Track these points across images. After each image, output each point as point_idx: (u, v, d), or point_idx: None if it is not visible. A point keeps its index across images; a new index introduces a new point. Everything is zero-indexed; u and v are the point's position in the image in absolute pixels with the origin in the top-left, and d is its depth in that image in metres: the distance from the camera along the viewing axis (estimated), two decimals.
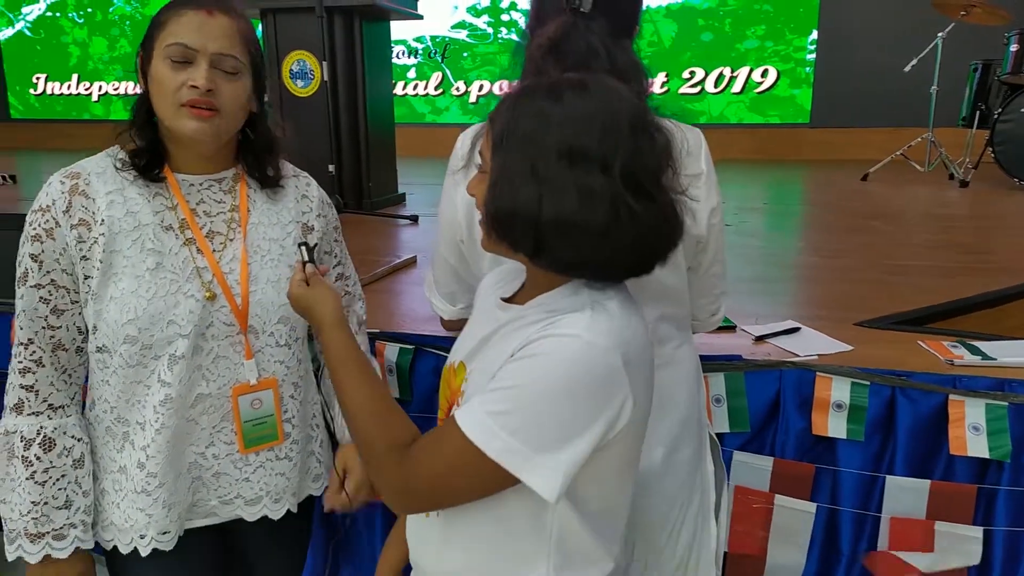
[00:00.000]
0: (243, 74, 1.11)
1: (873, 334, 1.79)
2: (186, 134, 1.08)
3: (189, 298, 1.11)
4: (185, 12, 1.07)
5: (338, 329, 0.99)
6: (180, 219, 1.14)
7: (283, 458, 1.23)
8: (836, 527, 1.57)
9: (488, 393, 0.82)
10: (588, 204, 0.80)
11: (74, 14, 10.26)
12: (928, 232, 3.84)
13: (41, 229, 1.07)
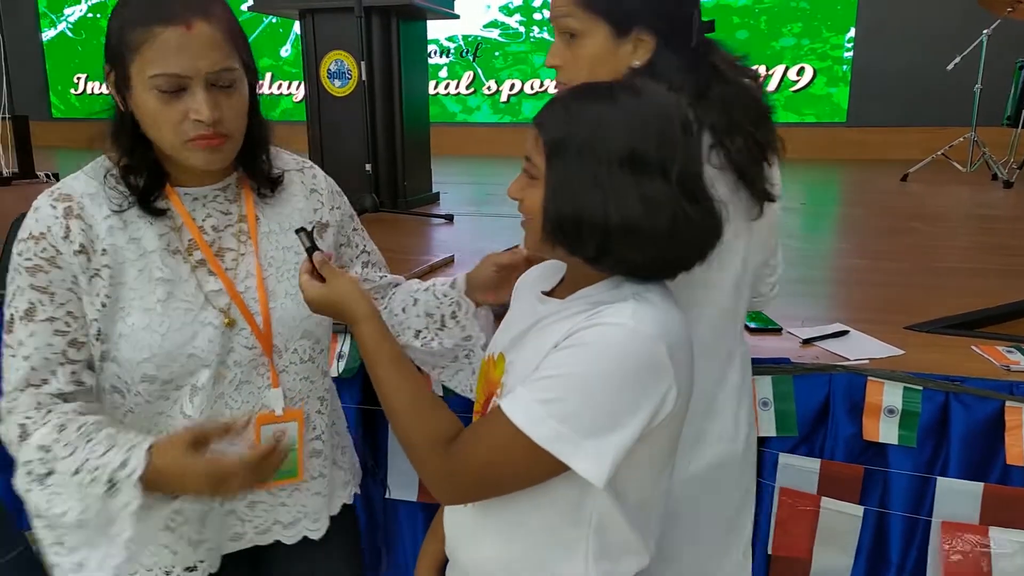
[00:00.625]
0: (239, 79, 0.99)
1: (924, 338, 1.75)
2: (197, 166, 0.99)
3: (207, 326, 1.02)
4: (159, 32, 0.91)
5: (370, 322, 0.94)
6: (188, 240, 1.04)
7: (317, 476, 1.17)
8: (885, 532, 1.54)
9: (535, 382, 0.83)
10: (652, 210, 0.82)
11: None
12: (972, 233, 3.76)
13: (40, 259, 0.96)
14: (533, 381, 0.84)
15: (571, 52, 1.08)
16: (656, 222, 0.82)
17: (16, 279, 0.97)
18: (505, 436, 0.83)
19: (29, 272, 0.96)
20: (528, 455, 0.82)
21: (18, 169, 5.27)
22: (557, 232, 0.86)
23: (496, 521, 0.93)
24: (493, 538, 0.94)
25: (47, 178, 5.37)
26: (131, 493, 0.90)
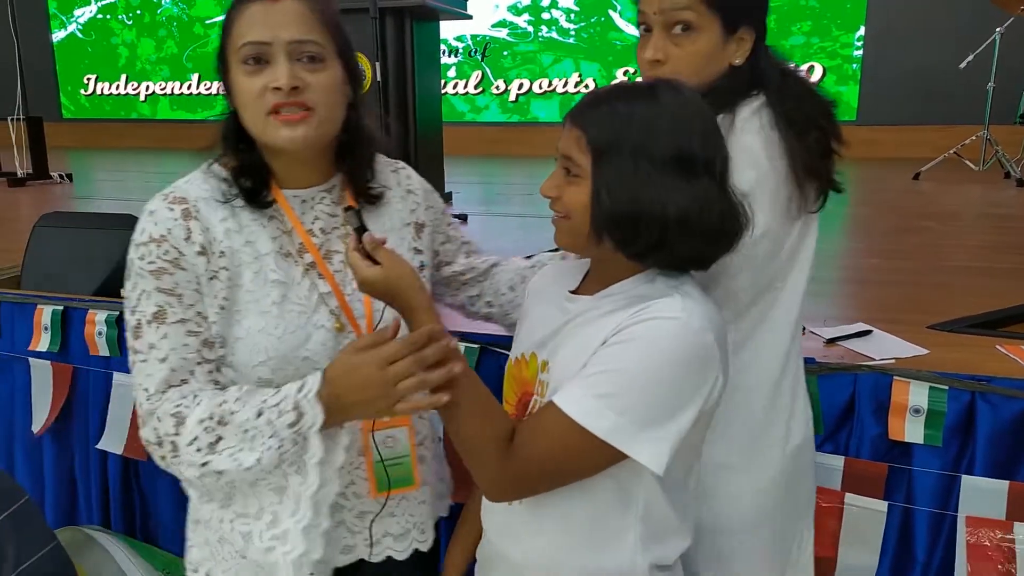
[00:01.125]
0: (329, 60, 0.96)
1: (948, 338, 1.76)
2: (280, 144, 0.96)
3: (320, 329, 1.01)
4: (248, 5, 0.95)
5: (429, 312, 0.93)
6: (298, 243, 1.03)
7: (422, 484, 1.15)
8: (910, 529, 1.55)
9: (589, 377, 0.87)
10: (705, 205, 0.87)
11: (123, 16, 10.51)
12: (986, 232, 3.75)
13: (164, 261, 0.95)
14: (586, 376, 0.87)
15: (680, 48, 1.07)
16: (709, 216, 0.87)
17: (140, 283, 0.95)
18: (563, 431, 0.86)
19: (154, 275, 0.95)
20: (587, 448, 0.86)
21: (32, 170, 5.31)
22: (612, 228, 0.88)
23: (545, 515, 0.95)
24: (542, 531, 0.97)
25: (61, 179, 5.41)
26: (315, 411, 0.90)
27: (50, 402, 2.09)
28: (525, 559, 0.99)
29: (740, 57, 1.09)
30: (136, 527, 2.15)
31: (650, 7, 1.07)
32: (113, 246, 2.24)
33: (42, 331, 2.07)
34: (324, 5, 0.97)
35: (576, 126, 0.90)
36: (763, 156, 1.06)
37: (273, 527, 0.96)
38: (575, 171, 0.91)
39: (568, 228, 0.93)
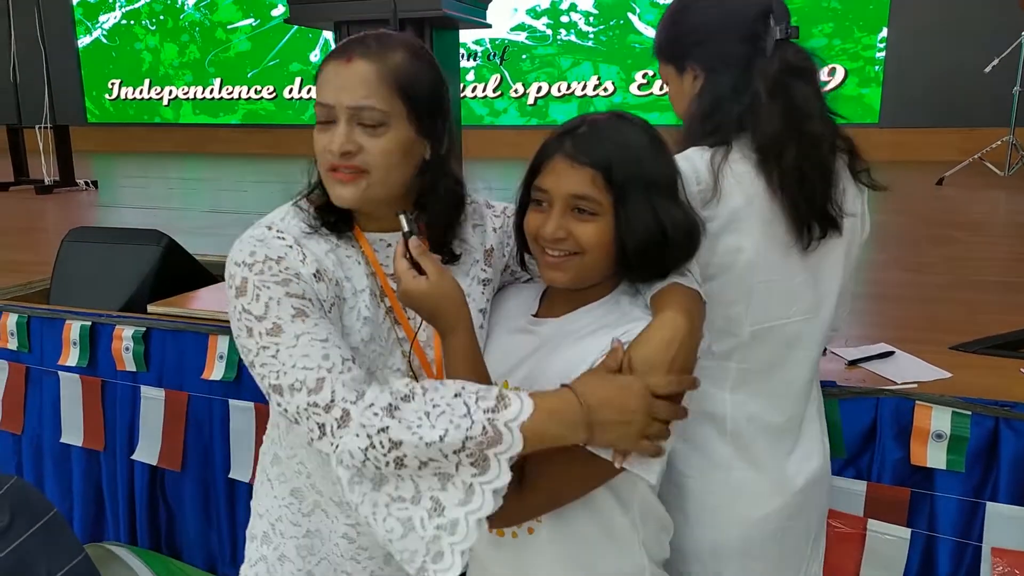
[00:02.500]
0: (391, 124, 0.95)
1: (970, 359, 1.74)
2: (335, 201, 0.97)
3: (395, 372, 1.02)
4: (328, 63, 0.96)
5: (468, 334, 0.93)
6: (379, 286, 1.03)
7: None
8: (933, 556, 1.54)
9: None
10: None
11: (147, 21, 10.64)
12: (1013, 243, 3.70)
13: (286, 275, 0.93)
14: None
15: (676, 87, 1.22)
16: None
17: (263, 294, 0.91)
18: (570, 458, 0.89)
19: (281, 284, 0.92)
20: (588, 466, 0.89)
21: (59, 177, 5.40)
22: (639, 256, 0.94)
23: (557, 538, 0.97)
24: (551, 559, 0.98)
25: (87, 186, 5.50)
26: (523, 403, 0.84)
27: (81, 415, 2.13)
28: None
29: (696, 89, 1.17)
30: (162, 540, 2.18)
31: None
32: (140, 261, 2.29)
33: (71, 346, 2.11)
34: (397, 67, 0.95)
35: (586, 166, 0.92)
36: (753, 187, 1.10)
37: (437, 515, 0.86)
38: (591, 209, 0.93)
39: (580, 265, 0.95)
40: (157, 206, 5.06)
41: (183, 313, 2.08)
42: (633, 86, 8.65)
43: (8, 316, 2.19)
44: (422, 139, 0.99)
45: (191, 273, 2.37)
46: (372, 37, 0.98)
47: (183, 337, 2.01)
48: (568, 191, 0.93)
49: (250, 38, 10.12)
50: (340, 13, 3.74)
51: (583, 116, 0.99)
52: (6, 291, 2.47)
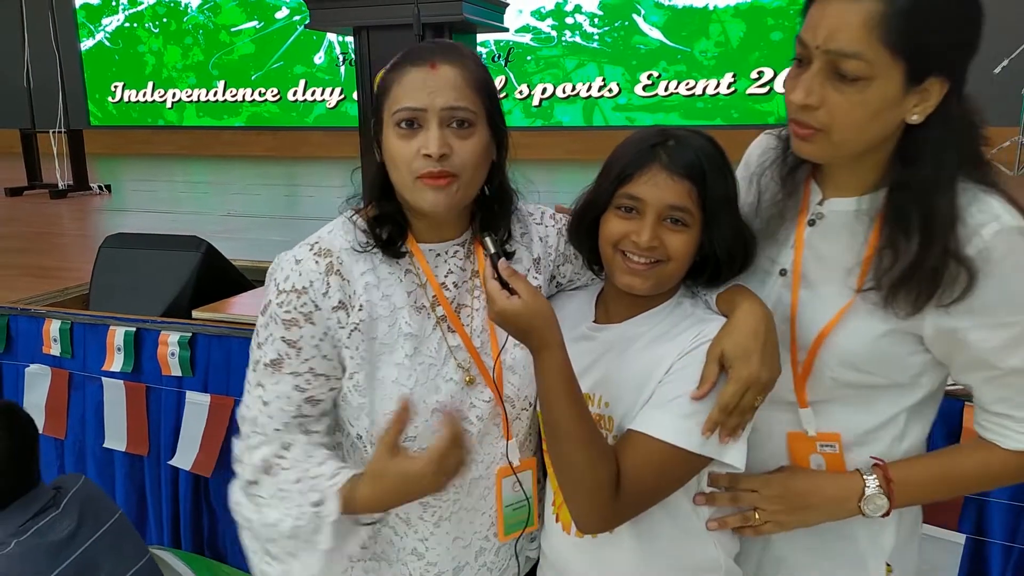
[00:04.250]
0: (478, 125, 0.98)
1: None
2: (425, 208, 0.98)
3: (448, 382, 1.03)
4: (407, 71, 0.97)
5: (561, 351, 0.94)
6: (431, 297, 1.05)
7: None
8: (984, 558, 1.56)
9: (671, 402, 0.95)
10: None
11: (150, 24, 10.65)
12: None
13: (298, 313, 0.98)
14: (668, 401, 0.94)
15: (842, 95, 0.87)
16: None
17: (270, 326, 1.00)
18: (662, 456, 0.93)
19: (284, 325, 0.98)
20: (684, 464, 0.95)
21: (73, 181, 5.41)
22: (723, 266, 1.00)
23: (631, 538, 1.00)
24: (631, 556, 1.01)
25: (100, 190, 5.51)
26: (334, 504, 0.92)
27: (125, 420, 2.15)
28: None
29: (919, 114, 0.88)
30: (204, 543, 2.20)
31: (813, 38, 0.87)
32: (180, 267, 2.31)
33: (115, 352, 2.13)
34: (477, 72, 0.99)
35: (684, 179, 0.95)
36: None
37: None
38: (685, 220, 0.96)
39: (662, 273, 0.98)
40: (172, 210, 5.08)
41: (229, 319, 2.10)
42: (638, 87, 8.69)
43: (51, 322, 2.20)
44: (493, 142, 1.02)
45: (229, 278, 2.39)
46: (441, 45, 1.02)
47: (229, 342, 2.04)
48: (666, 202, 0.96)
49: (254, 40, 10.14)
50: (362, 18, 3.77)
51: (663, 129, 1.00)
52: (43, 297, 2.49)
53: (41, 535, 1.59)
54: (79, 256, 3.17)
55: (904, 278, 0.90)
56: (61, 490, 1.69)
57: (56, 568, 1.57)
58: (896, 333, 0.95)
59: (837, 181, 1.00)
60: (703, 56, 8.48)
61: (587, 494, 0.94)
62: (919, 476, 1.00)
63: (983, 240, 0.89)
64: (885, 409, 1.01)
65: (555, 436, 0.96)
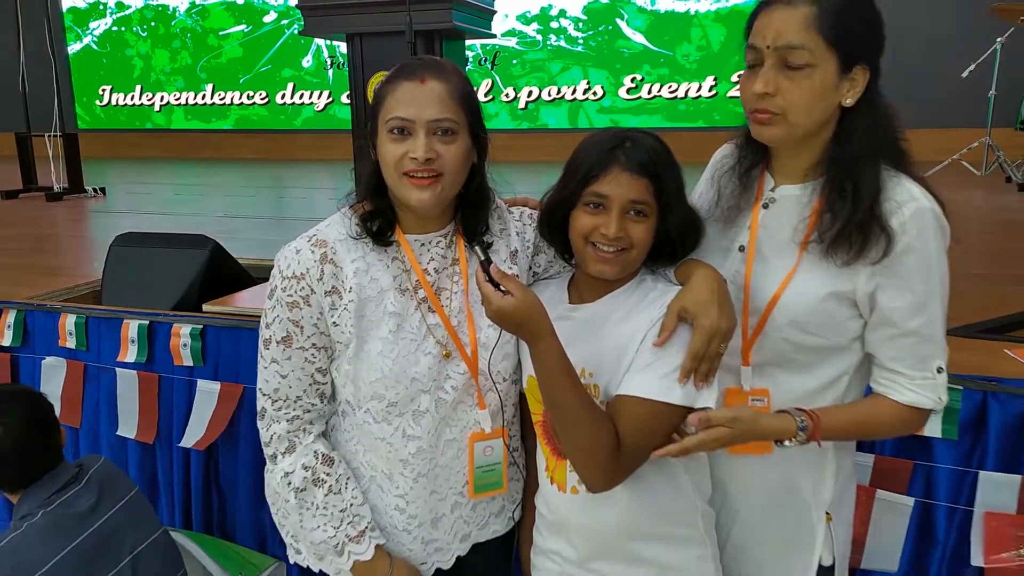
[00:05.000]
0: (460, 133, 1.13)
1: (959, 342, 1.93)
2: (411, 203, 1.13)
3: (427, 355, 1.18)
4: (399, 84, 1.12)
5: (554, 338, 1.06)
6: (414, 281, 1.20)
7: (514, 479, 1.33)
8: (931, 520, 1.73)
9: (651, 366, 1.09)
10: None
11: (138, 27, 10.71)
12: (992, 239, 3.93)
13: (299, 296, 1.15)
14: (647, 366, 1.09)
15: (792, 82, 1.06)
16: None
17: (276, 308, 1.17)
18: (650, 413, 1.08)
19: (288, 306, 1.16)
20: (669, 417, 1.09)
21: (68, 184, 5.50)
22: (680, 247, 1.17)
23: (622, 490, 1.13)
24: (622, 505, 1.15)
25: (95, 192, 5.60)
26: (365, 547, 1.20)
27: (137, 409, 2.28)
28: (617, 526, 1.17)
29: (852, 97, 1.08)
30: (214, 524, 2.34)
31: (762, 41, 1.07)
32: (189, 264, 2.44)
33: (129, 343, 2.26)
34: (461, 86, 1.14)
35: (642, 176, 1.11)
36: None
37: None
38: (644, 211, 1.12)
39: (627, 258, 1.13)
40: (169, 211, 5.18)
41: (238, 311, 2.23)
42: (622, 90, 8.85)
43: (67, 317, 2.33)
44: (474, 148, 1.18)
45: (235, 275, 2.53)
46: (429, 61, 1.17)
47: (238, 333, 2.17)
48: (628, 197, 1.11)
49: (242, 44, 10.23)
50: (354, 26, 3.91)
51: (617, 131, 1.15)
52: (55, 294, 2.61)
53: (65, 507, 1.71)
54: (83, 256, 3.29)
55: (840, 234, 1.09)
56: (83, 468, 1.82)
57: (80, 536, 1.69)
58: (835, 296, 1.12)
59: (787, 169, 1.18)
60: (685, 60, 8.66)
61: (594, 458, 1.08)
62: (839, 420, 1.15)
63: (903, 216, 1.07)
64: (827, 372, 1.17)
65: (559, 413, 1.09)
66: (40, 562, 1.63)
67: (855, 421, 1.16)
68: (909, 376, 1.13)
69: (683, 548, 1.18)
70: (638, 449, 1.08)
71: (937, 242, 1.10)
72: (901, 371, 1.13)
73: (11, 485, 1.75)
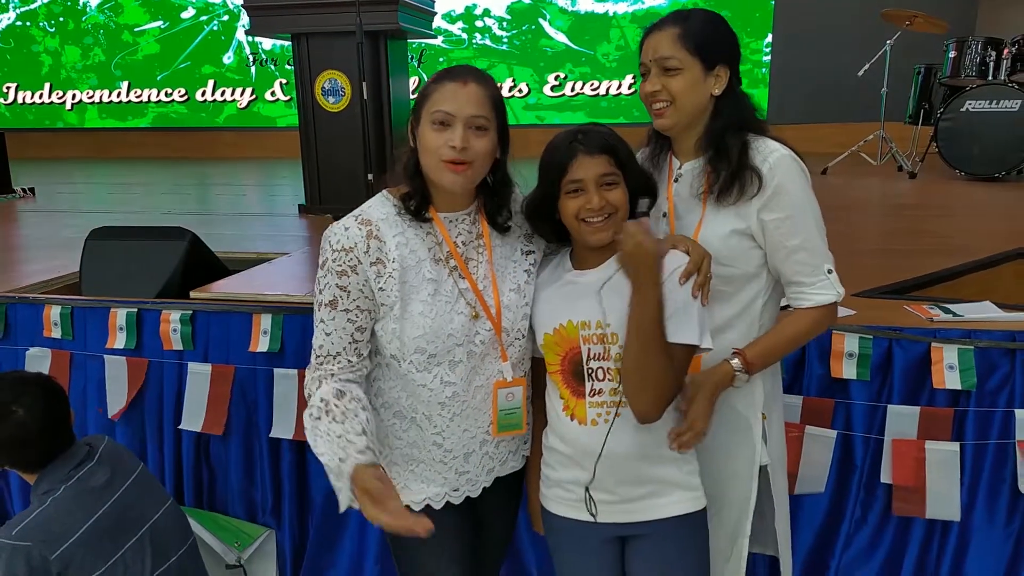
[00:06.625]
0: (490, 130, 1.35)
1: (868, 302, 2.29)
2: (444, 185, 1.35)
3: (459, 315, 1.39)
4: (445, 84, 1.33)
5: (659, 287, 1.31)
6: (446, 252, 1.41)
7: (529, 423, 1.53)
8: (851, 447, 2.07)
9: (673, 315, 1.32)
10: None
11: (45, 23, 10.29)
12: (886, 220, 4.41)
13: (347, 266, 1.34)
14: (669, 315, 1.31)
15: (672, 80, 1.44)
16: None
17: (327, 276, 1.36)
18: (687, 354, 1.35)
19: (337, 274, 1.36)
20: (690, 354, 1.36)
21: None
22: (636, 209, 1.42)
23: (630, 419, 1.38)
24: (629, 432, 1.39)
25: (24, 193, 5.47)
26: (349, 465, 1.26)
27: (126, 392, 2.39)
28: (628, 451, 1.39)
29: (718, 88, 1.46)
30: (204, 498, 2.47)
31: (647, 56, 1.47)
32: (169, 255, 2.55)
33: (117, 331, 2.36)
34: (494, 93, 1.37)
35: (602, 153, 1.37)
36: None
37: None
38: (613, 180, 1.37)
39: (617, 220, 1.37)
40: (110, 210, 5.13)
41: (226, 297, 2.37)
42: (546, 87, 9.16)
43: (51, 308, 2.41)
44: (499, 144, 1.40)
45: (212, 265, 2.65)
46: (472, 68, 1.39)
47: (227, 317, 2.31)
48: (598, 172, 1.36)
49: (158, 40, 9.99)
50: (301, 25, 4.04)
51: (571, 129, 1.40)
52: (31, 287, 2.66)
53: (83, 482, 1.83)
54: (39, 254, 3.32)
55: (725, 183, 1.45)
56: (92, 446, 1.94)
57: (101, 509, 1.82)
58: (736, 232, 1.46)
59: (684, 149, 1.53)
60: (605, 59, 9.04)
61: (661, 392, 1.32)
62: (763, 348, 1.48)
63: (770, 162, 1.44)
64: (743, 298, 1.50)
65: (645, 352, 1.30)
66: (70, 531, 1.75)
67: (780, 339, 1.49)
68: (809, 283, 1.47)
69: (679, 465, 1.43)
70: (658, 389, 1.33)
71: (800, 178, 1.46)
72: (801, 280, 1.47)
73: (32, 466, 1.86)
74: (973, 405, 1.99)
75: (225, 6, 9.63)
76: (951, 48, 5.71)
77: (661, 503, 1.42)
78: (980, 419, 1.99)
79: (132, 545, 1.83)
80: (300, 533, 2.43)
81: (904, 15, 5.71)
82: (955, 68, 5.67)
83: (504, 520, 1.67)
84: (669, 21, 1.46)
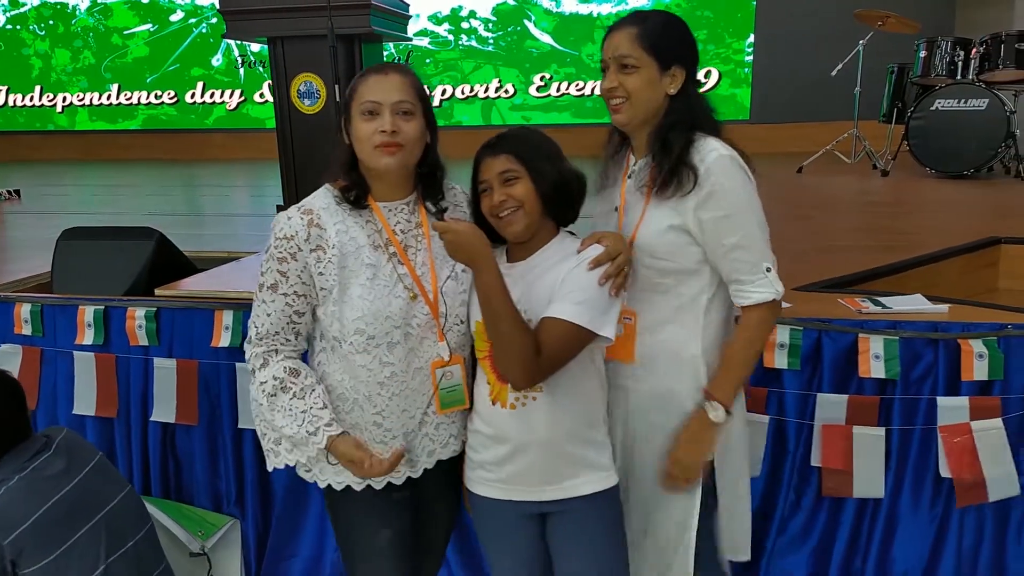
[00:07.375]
0: (416, 114, 1.46)
1: (806, 296, 2.39)
2: (380, 168, 1.45)
3: (397, 299, 1.47)
4: (369, 77, 1.46)
5: (495, 264, 1.41)
6: (385, 239, 1.50)
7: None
8: (784, 433, 2.16)
9: (567, 296, 1.41)
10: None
11: (35, 26, 10.37)
12: (857, 218, 4.50)
13: (287, 253, 1.45)
14: (564, 296, 1.43)
15: (629, 78, 1.49)
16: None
17: (269, 261, 1.47)
18: (565, 331, 1.40)
19: (278, 260, 1.46)
20: (579, 336, 1.41)
21: None
22: (555, 197, 1.48)
23: (546, 402, 1.47)
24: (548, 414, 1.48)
25: (9, 195, 5.56)
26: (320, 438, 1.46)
27: (95, 388, 2.47)
28: (546, 431, 1.48)
29: (674, 88, 1.51)
30: (171, 489, 2.55)
31: (607, 54, 1.53)
32: (136, 254, 2.64)
33: (86, 328, 2.45)
34: (415, 80, 1.49)
35: (501, 152, 1.47)
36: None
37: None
38: (513, 176, 1.46)
39: (523, 215, 1.47)
40: (93, 211, 5.22)
41: (189, 294, 2.46)
42: (532, 88, 9.24)
43: (22, 306, 2.50)
44: (427, 128, 1.50)
45: (180, 264, 2.74)
46: (392, 63, 1.53)
47: (191, 314, 2.40)
48: (498, 171, 1.47)
49: (148, 43, 10.07)
50: (276, 29, 4.10)
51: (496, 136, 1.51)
52: (4, 286, 2.75)
53: (38, 471, 1.89)
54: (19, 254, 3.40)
55: (663, 178, 1.50)
56: (49, 437, 2.00)
57: (55, 496, 1.88)
58: (674, 228, 1.51)
59: (639, 147, 1.60)
60: (590, 60, 9.12)
61: (518, 358, 1.40)
62: (729, 376, 1.54)
63: (708, 162, 1.48)
64: (685, 292, 1.55)
65: (495, 322, 1.41)
66: (23, 518, 1.82)
67: (733, 351, 1.54)
68: (749, 280, 1.50)
69: (592, 447, 1.53)
70: (552, 359, 1.42)
71: (738, 177, 1.49)
72: (740, 279, 1.50)
73: None
74: (899, 393, 2.08)
75: (213, 8, 9.71)
76: (922, 48, 5.79)
77: (578, 482, 1.51)
78: (905, 406, 2.09)
79: (87, 531, 1.89)
80: (263, 522, 2.52)
81: (876, 15, 5.80)
82: (926, 67, 5.76)
83: (447, 502, 1.75)
84: (629, 21, 1.52)
